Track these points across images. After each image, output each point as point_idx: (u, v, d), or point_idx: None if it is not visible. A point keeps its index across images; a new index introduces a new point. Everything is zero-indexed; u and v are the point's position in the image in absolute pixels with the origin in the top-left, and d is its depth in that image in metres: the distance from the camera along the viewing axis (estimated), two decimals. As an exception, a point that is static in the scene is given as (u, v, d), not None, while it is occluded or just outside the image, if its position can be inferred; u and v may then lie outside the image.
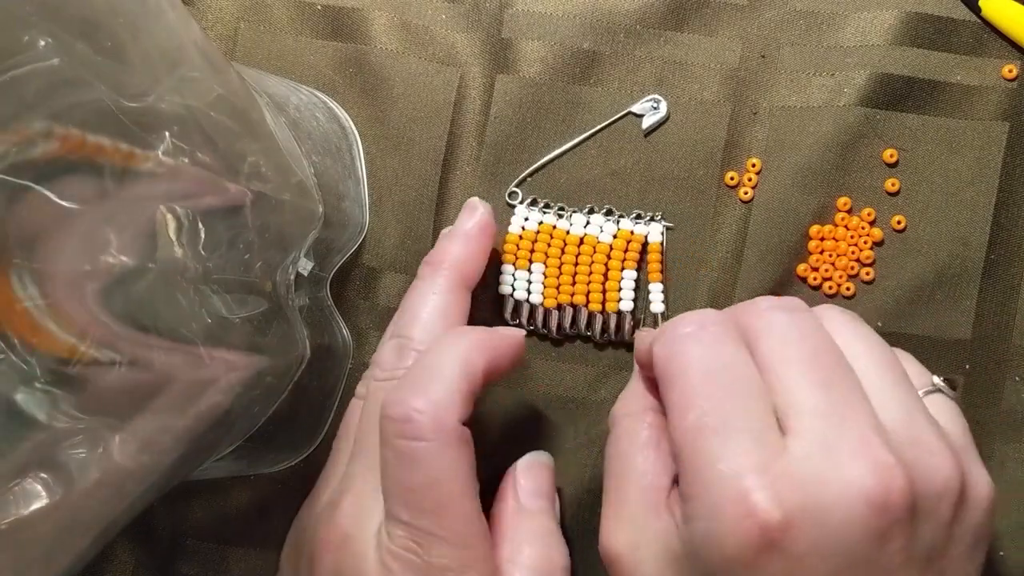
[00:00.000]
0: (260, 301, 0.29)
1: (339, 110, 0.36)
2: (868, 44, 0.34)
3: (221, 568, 0.37)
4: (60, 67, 0.19)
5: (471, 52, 0.36)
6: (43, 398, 0.21)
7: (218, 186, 0.25)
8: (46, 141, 0.20)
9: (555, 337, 0.36)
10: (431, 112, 0.36)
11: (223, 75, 0.26)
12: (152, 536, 0.37)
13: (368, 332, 0.36)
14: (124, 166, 0.22)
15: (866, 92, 0.34)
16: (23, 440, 0.21)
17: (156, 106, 0.22)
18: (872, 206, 0.34)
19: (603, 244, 0.35)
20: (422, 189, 0.36)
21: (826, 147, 0.34)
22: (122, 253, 0.22)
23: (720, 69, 0.35)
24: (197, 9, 0.37)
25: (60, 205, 0.20)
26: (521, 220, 0.35)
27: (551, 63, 0.35)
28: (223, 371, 0.26)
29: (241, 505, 0.37)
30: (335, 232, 0.34)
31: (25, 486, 0.21)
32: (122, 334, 0.23)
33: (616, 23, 0.35)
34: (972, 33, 0.34)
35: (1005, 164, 0.34)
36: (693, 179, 0.35)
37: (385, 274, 0.36)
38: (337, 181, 0.34)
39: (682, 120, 0.35)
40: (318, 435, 0.36)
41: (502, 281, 0.35)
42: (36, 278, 0.20)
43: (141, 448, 0.24)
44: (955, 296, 0.34)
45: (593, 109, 0.35)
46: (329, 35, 0.36)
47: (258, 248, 0.27)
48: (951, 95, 0.34)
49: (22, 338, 0.20)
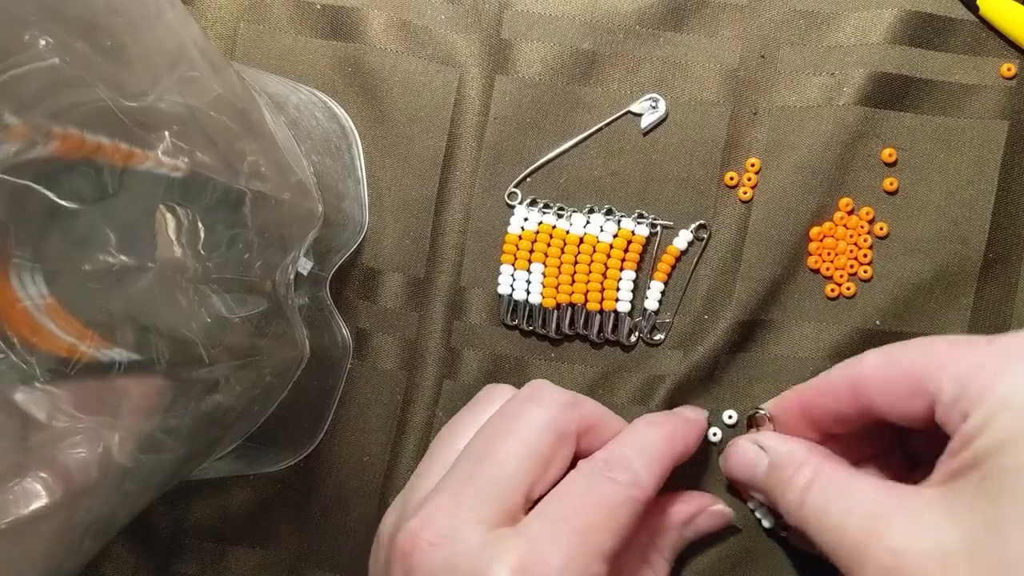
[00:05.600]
0: (260, 301, 0.29)
1: (338, 110, 0.36)
2: (867, 43, 0.34)
3: (221, 568, 0.37)
4: (60, 67, 0.19)
5: (470, 52, 0.36)
6: (43, 398, 0.21)
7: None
8: (46, 141, 0.20)
9: (554, 337, 0.36)
10: (430, 112, 0.36)
11: (223, 75, 0.26)
12: (152, 536, 0.37)
13: (368, 332, 0.36)
14: (124, 165, 0.22)
15: (865, 91, 0.34)
16: (23, 440, 0.21)
17: (156, 105, 0.22)
18: (871, 205, 0.34)
19: (603, 244, 0.35)
20: (421, 189, 0.36)
21: (825, 146, 0.34)
22: (122, 252, 0.22)
23: (720, 69, 0.35)
24: (197, 9, 0.37)
25: (60, 205, 0.20)
26: (520, 220, 0.35)
27: (551, 63, 0.35)
28: (223, 371, 0.26)
29: (241, 505, 0.37)
30: (335, 231, 0.34)
31: (25, 486, 0.21)
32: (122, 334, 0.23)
33: (615, 23, 0.35)
34: (970, 32, 0.34)
35: (1004, 163, 0.34)
36: (693, 179, 0.35)
37: (384, 274, 0.36)
38: (336, 180, 0.34)
39: (682, 120, 0.35)
40: (318, 435, 0.36)
41: (501, 281, 0.35)
42: (36, 278, 0.20)
43: (141, 448, 0.24)
44: (953, 294, 0.34)
45: (593, 109, 0.35)
46: (329, 35, 0.36)
47: (258, 248, 0.27)
48: (950, 94, 0.34)
49: (22, 338, 0.20)
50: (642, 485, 0.28)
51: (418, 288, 0.36)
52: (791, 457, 0.29)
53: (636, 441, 0.30)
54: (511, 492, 0.28)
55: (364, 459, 0.36)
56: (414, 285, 0.36)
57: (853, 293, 0.34)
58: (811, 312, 0.35)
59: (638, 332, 0.35)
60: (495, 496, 0.28)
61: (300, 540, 0.36)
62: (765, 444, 0.31)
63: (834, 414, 0.30)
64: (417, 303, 0.36)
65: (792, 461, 0.29)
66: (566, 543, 0.26)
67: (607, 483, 0.28)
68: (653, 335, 0.35)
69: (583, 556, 0.26)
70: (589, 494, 0.28)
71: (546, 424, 0.29)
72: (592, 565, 0.26)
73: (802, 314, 0.35)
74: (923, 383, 0.26)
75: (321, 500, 0.36)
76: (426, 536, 0.27)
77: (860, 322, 0.34)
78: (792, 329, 0.35)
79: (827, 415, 0.30)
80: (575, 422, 0.30)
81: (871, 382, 0.28)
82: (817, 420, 0.31)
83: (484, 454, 0.29)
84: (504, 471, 0.28)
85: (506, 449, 0.28)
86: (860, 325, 0.34)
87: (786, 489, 0.28)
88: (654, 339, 0.35)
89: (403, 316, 0.36)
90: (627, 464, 0.29)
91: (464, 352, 0.36)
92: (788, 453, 0.30)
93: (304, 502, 0.36)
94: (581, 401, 0.31)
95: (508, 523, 0.27)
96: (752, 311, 0.34)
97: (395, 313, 0.36)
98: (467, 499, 0.28)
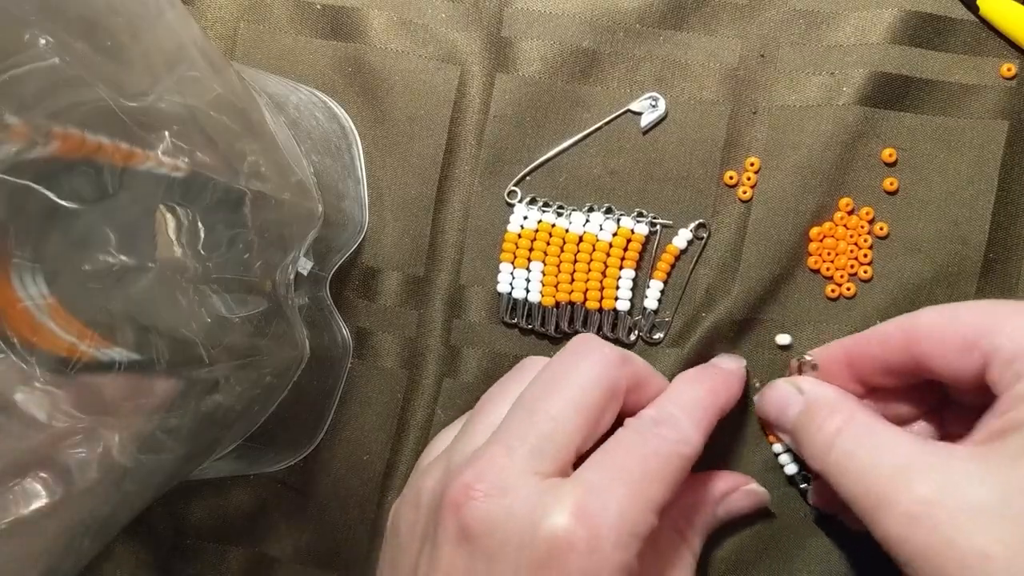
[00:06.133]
0: (260, 301, 0.29)
1: (338, 109, 0.36)
2: (867, 43, 0.34)
3: (221, 568, 0.37)
4: (60, 66, 0.19)
5: (470, 51, 0.36)
6: (43, 398, 0.21)
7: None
8: (46, 141, 0.20)
9: (553, 335, 0.36)
10: (430, 111, 0.36)
11: (223, 75, 0.26)
12: (152, 536, 0.37)
13: (368, 331, 0.36)
14: (124, 165, 0.22)
15: (865, 91, 0.34)
16: (23, 440, 0.21)
17: (156, 105, 0.22)
18: (871, 205, 0.34)
19: (602, 242, 0.35)
20: (421, 187, 0.36)
21: (825, 146, 0.34)
22: (122, 252, 0.22)
23: (719, 68, 0.35)
24: (197, 9, 0.37)
25: (60, 205, 0.20)
26: (520, 219, 0.35)
27: (551, 62, 0.35)
28: (223, 371, 0.26)
29: (241, 505, 0.37)
30: (335, 231, 0.34)
31: (25, 486, 0.21)
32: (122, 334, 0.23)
33: (616, 22, 0.35)
34: (970, 32, 0.34)
35: (1004, 163, 0.34)
36: (692, 178, 0.35)
37: (384, 272, 0.36)
38: (336, 180, 0.34)
39: (682, 119, 0.35)
40: (318, 435, 0.36)
41: (500, 280, 0.36)
42: (36, 278, 0.20)
43: (141, 448, 0.24)
44: (953, 295, 0.34)
45: (593, 108, 0.35)
46: (328, 34, 0.36)
47: (258, 248, 0.27)
48: (950, 94, 0.34)
49: (22, 337, 0.20)
50: (690, 441, 0.29)
51: (418, 287, 0.36)
52: (826, 401, 0.29)
53: (681, 398, 0.30)
54: (564, 446, 0.28)
55: (364, 458, 0.36)
56: (414, 284, 0.36)
57: (853, 293, 0.34)
58: (811, 312, 0.35)
59: (637, 331, 0.35)
60: (549, 449, 0.28)
61: (300, 540, 0.36)
62: (803, 387, 0.31)
63: (881, 364, 0.30)
64: (417, 302, 0.36)
65: (827, 405, 0.29)
66: (623, 491, 0.27)
67: (657, 439, 0.28)
68: (652, 334, 0.35)
69: (640, 505, 0.27)
70: (642, 448, 0.28)
71: (597, 380, 0.29)
72: (647, 514, 0.27)
73: (802, 314, 0.35)
74: (979, 340, 0.26)
75: (321, 500, 0.36)
76: (481, 487, 0.27)
77: (860, 322, 0.34)
78: (791, 329, 0.35)
79: (874, 365, 0.30)
80: (625, 379, 0.30)
81: (926, 334, 0.28)
82: (862, 371, 0.31)
83: (536, 409, 0.29)
84: (557, 425, 0.28)
85: (559, 404, 0.29)
86: (860, 325, 0.34)
87: (817, 432, 0.28)
88: (653, 338, 0.35)
89: (403, 315, 0.36)
90: (674, 422, 0.29)
91: (464, 350, 0.36)
92: (824, 397, 0.30)
93: (304, 502, 0.36)
94: (630, 357, 0.31)
95: (561, 476, 0.28)
96: (751, 310, 0.34)
97: (395, 312, 0.36)
98: (521, 451, 0.28)
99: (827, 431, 0.28)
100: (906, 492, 0.25)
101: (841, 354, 0.31)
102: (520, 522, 0.26)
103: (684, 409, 0.30)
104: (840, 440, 0.28)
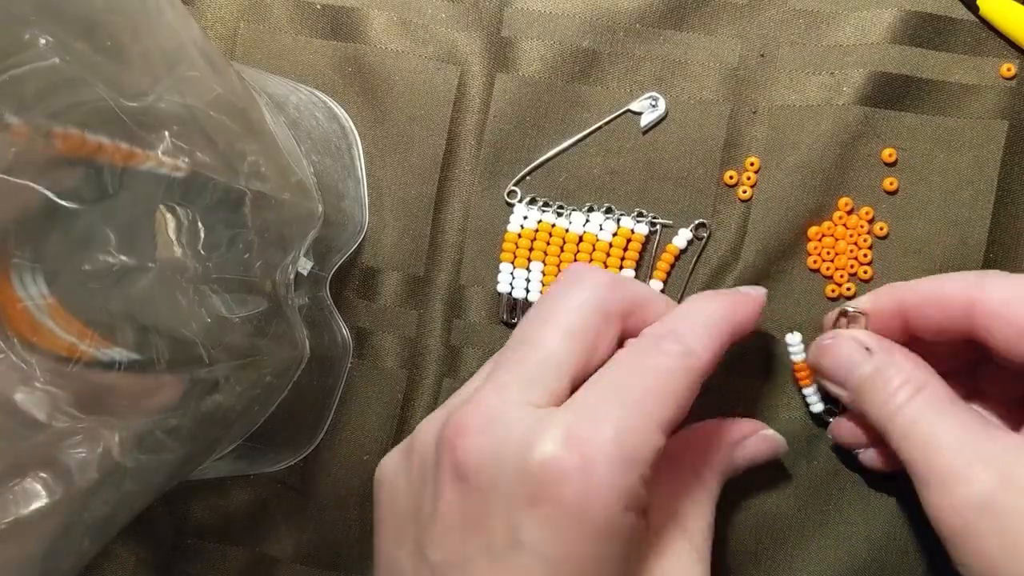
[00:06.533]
0: (260, 301, 0.29)
1: (338, 109, 0.36)
2: (867, 43, 0.34)
3: (221, 567, 0.37)
4: (60, 66, 0.19)
5: (471, 51, 0.36)
6: (43, 398, 0.21)
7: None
8: (46, 141, 0.20)
9: (554, 336, 0.36)
10: (430, 111, 0.36)
11: (222, 74, 0.26)
12: (152, 536, 0.37)
13: (368, 331, 0.36)
14: (124, 165, 0.22)
15: (865, 91, 0.34)
16: (23, 440, 0.21)
17: (156, 105, 0.22)
18: (871, 205, 0.34)
19: (602, 242, 0.35)
20: (421, 188, 0.36)
21: (825, 146, 0.34)
22: (122, 252, 0.22)
23: (719, 68, 0.35)
24: (197, 9, 0.37)
25: (60, 205, 0.20)
26: (520, 219, 0.35)
27: (551, 62, 0.35)
28: (223, 371, 0.26)
29: (241, 505, 0.37)
30: (335, 231, 0.34)
31: (25, 486, 0.21)
32: (122, 334, 0.23)
33: (616, 22, 0.35)
34: (970, 32, 0.34)
35: (1004, 163, 0.34)
36: (692, 178, 0.35)
37: (384, 272, 0.36)
38: (336, 180, 0.34)
39: (681, 119, 0.35)
40: (318, 435, 0.36)
41: (500, 279, 0.36)
42: (36, 278, 0.20)
43: (141, 448, 0.24)
44: (954, 294, 0.34)
45: (592, 108, 0.35)
46: (328, 34, 0.36)
47: (258, 248, 0.27)
48: (949, 94, 0.34)
49: (22, 337, 0.20)
50: (696, 354, 0.27)
51: (418, 287, 0.36)
52: (901, 368, 0.28)
53: (687, 314, 0.28)
54: (557, 374, 0.27)
55: (364, 458, 0.36)
56: (414, 284, 0.36)
57: (853, 293, 0.34)
58: (811, 312, 0.35)
59: (638, 331, 0.35)
60: (541, 378, 0.26)
61: (300, 540, 0.36)
62: (872, 346, 0.29)
63: (935, 325, 0.29)
64: (417, 302, 0.36)
65: (901, 372, 0.28)
66: (618, 412, 0.25)
67: (659, 354, 0.27)
68: (653, 334, 0.35)
69: (639, 424, 0.25)
70: (641, 365, 0.27)
71: (588, 304, 0.28)
72: (651, 435, 0.25)
73: (801, 314, 0.35)
74: None
75: (321, 500, 0.36)
76: (472, 423, 0.26)
77: (860, 322, 0.34)
78: (791, 329, 0.35)
79: (927, 324, 0.29)
80: (618, 302, 0.28)
81: (996, 312, 0.27)
82: (913, 327, 0.30)
83: (526, 340, 0.28)
84: (549, 353, 0.27)
85: (549, 332, 0.27)
86: (860, 324, 0.34)
87: (889, 398, 0.28)
88: (654, 338, 0.35)
89: (403, 315, 0.36)
90: (676, 336, 0.27)
91: (464, 350, 0.36)
92: (896, 364, 0.28)
93: (304, 502, 0.36)
94: (624, 280, 0.30)
95: (557, 405, 0.26)
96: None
97: (395, 312, 0.36)
98: (512, 384, 0.26)
99: (898, 399, 0.27)
100: (965, 478, 0.25)
101: (894, 308, 0.30)
102: (512, 455, 0.25)
103: (690, 323, 0.28)
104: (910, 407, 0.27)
